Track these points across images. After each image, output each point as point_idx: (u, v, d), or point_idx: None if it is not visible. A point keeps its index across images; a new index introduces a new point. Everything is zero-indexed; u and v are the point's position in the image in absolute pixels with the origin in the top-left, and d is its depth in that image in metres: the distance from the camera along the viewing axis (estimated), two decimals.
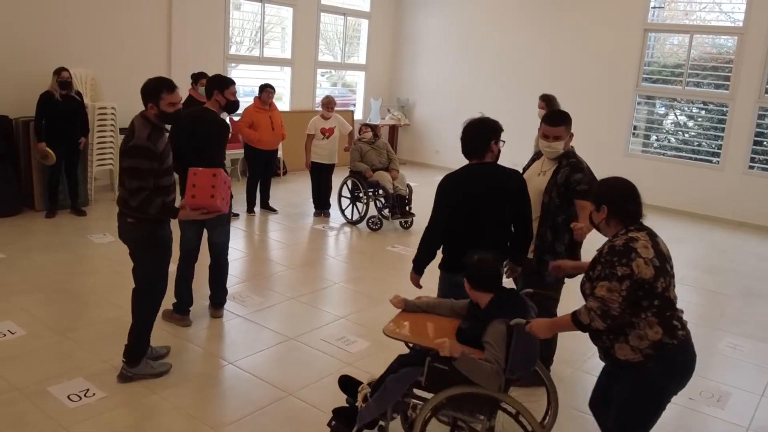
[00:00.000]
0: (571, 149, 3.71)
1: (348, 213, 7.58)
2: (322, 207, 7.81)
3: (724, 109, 8.93)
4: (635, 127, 9.67)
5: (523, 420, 2.86)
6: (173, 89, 3.47)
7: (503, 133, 3.39)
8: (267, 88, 7.36)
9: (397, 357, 3.10)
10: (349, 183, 7.49)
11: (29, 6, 7.10)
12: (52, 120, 6.54)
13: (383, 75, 12.02)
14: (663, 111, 9.74)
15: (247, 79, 9.63)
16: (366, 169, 7.22)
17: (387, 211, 7.25)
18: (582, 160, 3.68)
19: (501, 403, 2.82)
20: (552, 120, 3.66)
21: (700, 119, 9.53)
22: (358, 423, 3.00)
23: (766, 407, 3.93)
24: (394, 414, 3.04)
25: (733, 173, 8.78)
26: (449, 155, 10.66)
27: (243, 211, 7.54)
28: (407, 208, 7.31)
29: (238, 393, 3.66)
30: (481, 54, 10.90)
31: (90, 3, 7.61)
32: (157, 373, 3.72)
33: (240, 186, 8.33)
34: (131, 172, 3.37)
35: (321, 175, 7.66)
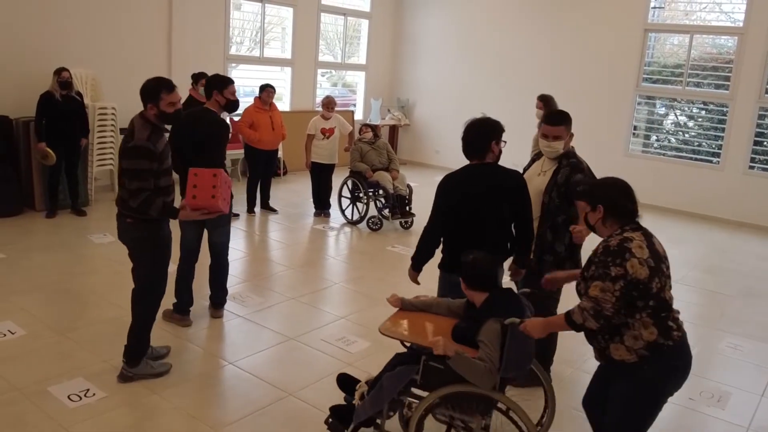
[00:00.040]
0: (572, 149, 3.71)
1: (348, 213, 7.58)
2: (322, 207, 7.81)
3: (724, 110, 8.93)
4: (635, 128, 9.67)
5: (518, 419, 2.86)
6: (172, 89, 3.46)
7: (504, 134, 3.39)
8: (267, 88, 7.36)
9: (395, 355, 3.10)
10: (350, 183, 7.49)
11: (29, 6, 7.10)
12: (52, 120, 6.54)
13: (383, 75, 12.02)
14: (663, 111, 9.74)
15: (248, 80, 9.64)
16: (366, 169, 7.22)
17: (387, 211, 7.25)
18: (582, 160, 3.68)
19: (496, 403, 2.82)
20: (552, 119, 3.67)
21: (700, 119, 9.53)
22: (354, 421, 3.01)
23: (766, 407, 3.93)
24: (390, 412, 3.05)
25: (734, 173, 8.78)
26: (449, 155, 10.66)
27: (243, 212, 7.54)
28: (407, 208, 7.31)
29: (238, 393, 3.66)
30: (481, 54, 10.90)
31: (90, 3, 7.61)
32: (157, 373, 3.73)
33: (240, 186, 8.33)
34: (131, 172, 3.36)
35: (321, 175, 7.67)
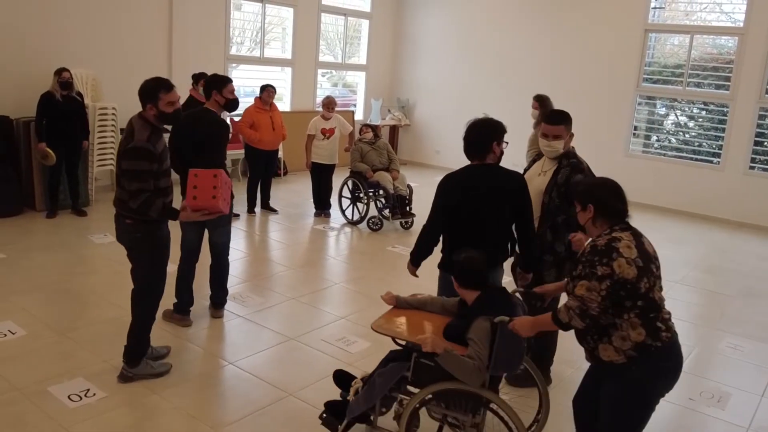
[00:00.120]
0: (572, 149, 3.71)
1: (348, 213, 7.58)
2: (322, 207, 7.81)
3: (724, 110, 8.93)
4: (636, 128, 9.67)
5: (506, 417, 2.86)
6: (171, 88, 3.45)
7: (505, 135, 3.39)
8: (268, 88, 7.36)
9: (389, 353, 3.12)
10: (350, 183, 7.49)
11: (29, 6, 7.10)
12: (52, 120, 6.54)
13: (384, 75, 12.02)
14: (663, 111, 9.74)
15: (248, 80, 9.64)
16: (366, 170, 7.22)
17: (387, 212, 7.26)
18: (582, 160, 3.68)
19: (486, 401, 2.81)
20: (552, 119, 3.67)
21: (700, 120, 9.52)
22: (347, 416, 3.03)
23: (766, 408, 3.92)
24: (383, 408, 3.07)
25: (734, 174, 8.78)
26: (449, 155, 10.67)
27: (243, 212, 7.54)
28: (408, 208, 7.31)
29: (238, 393, 3.66)
30: (481, 54, 10.90)
31: (90, 3, 7.62)
32: (158, 373, 3.73)
33: (240, 186, 8.33)
34: (131, 173, 3.35)
35: (321, 176, 7.67)
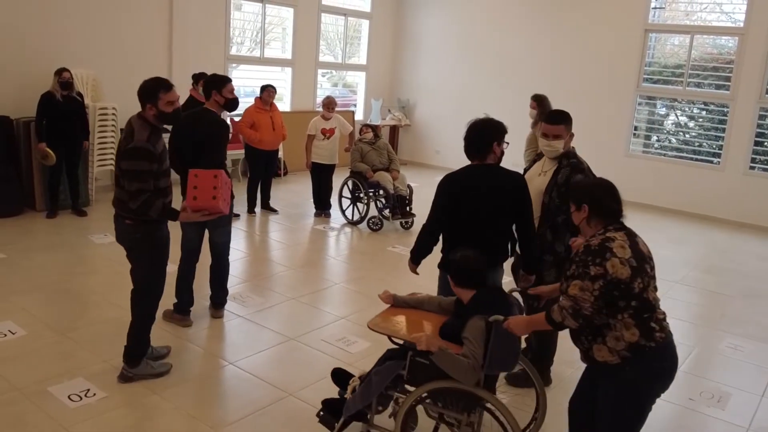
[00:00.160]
0: (572, 149, 3.71)
1: (349, 213, 7.58)
2: (322, 207, 7.81)
3: (724, 110, 8.92)
4: (636, 128, 9.67)
5: (501, 417, 2.86)
6: (170, 88, 3.45)
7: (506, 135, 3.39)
8: (268, 88, 7.36)
9: (386, 351, 3.13)
10: (350, 183, 7.49)
11: (29, 6, 7.10)
12: (52, 120, 6.54)
13: (384, 75, 12.02)
14: (664, 111, 9.74)
15: (248, 80, 9.64)
16: (366, 170, 7.22)
17: (387, 212, 7.25)
18: (582, 160, 3.68)
19: (482, 400, 2.82)
20: (551, 118, 3.67)
21: (700, 120, 9.52)
22: (344, 414, 3.04)
23: (766, 408, 3.92)
24: (379, 407, 3.08)
25: (734, 174, 8.78)
26: (449, 155, 10.67)
27: (244, 212, 7.54)
28: (408, 208, 7.31)
29: (238, 393, 3.66)
30: (481, 54, 10.90)
31: (91, 3, 7.62)
32: (158, 374, 3.73)
33: (241, 186, 8.33)
34: (131, 174, 3.34)
35: (321, 176, 7.67)
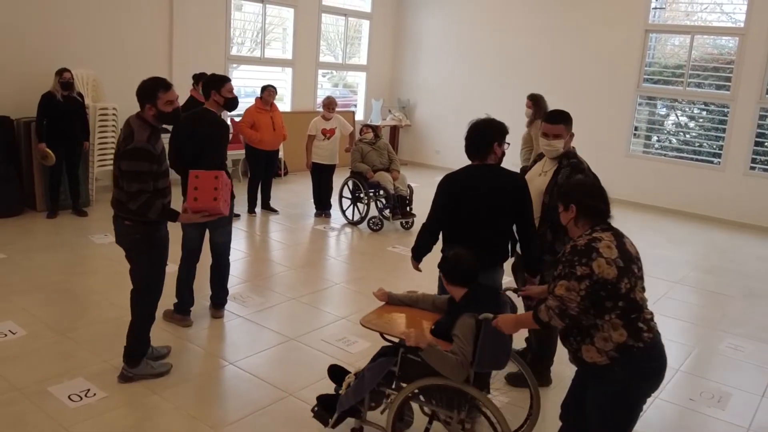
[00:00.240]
0: (572, 150, 3.71)
1: (349, 213, 7.58)
2: (323, 207, 7.81)
3: (725, 110, 8.92)
4: (636, 128, 9.66)
5: (490, 415, 2.86)
6: (169, 87, 3.44)
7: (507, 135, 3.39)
8: (268, 88, 7.36)
9: (380, 348, 3.14)
10: (350, 183, 7.49)
11: (30, 6, 7.11)
12: (53, 121, 6.54)
13: (384, 76, 12.02)
14: (664, 112, 9.73)
15: (249, 80, 9.65)
16: (367, 170, 7.22)
17: (388, 212, 7.25)
18: (583, 160, 3.68)
19: (471, 398, 2.82)
20: (551, 118, 3.67)
21: (701, 120, 9.52)
22: (337, 409, 3.06)
23: (766, 408, 3.92)
24: (372, 403, 3.09)
25: (734, 174, 8.77)
26: (450, 155, 10.67)
27: (244, 212, 7.54)
28: (408, 208, 7.31)
29: (238, 393, 3.66)
30: (481, 54, 10.90)
31: (91, 3, 7.62)
32: (158, 374, 3.73)
33: (241, 186, 8.33)
34: (131, 174, 3.33)
35: (322, 176, 7.67)
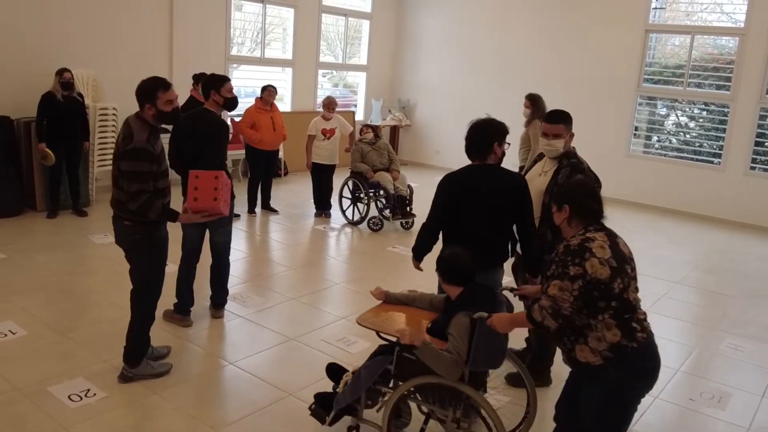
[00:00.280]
0: (573, 150, 3.71)
1: (349, 213, 7.58)
2: (323, 207, 7.81)
3: (725, 110, 8.92)
4: (636, 128, 9.66)
5: (485, 415, 2.86)
6: (168, 87, 3.43)
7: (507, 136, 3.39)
8: (268, 88, 7.36)
9: (377, 347, 3.14)
10: (350, 183, 7.49)
11: (30, 6, 7.11)
12: (53, 121, 6.54)
13: (384, 76, 12.02)
14: (664, 112, 9.73)
15: (249, 80, 9.65)
16: (367, 170, 7.22)
17: (388, 212, 7.25)
18: (583, 160, 3.68)
19: (466, 397, 2.82)
20: (551, 118, 3.67)
21: (701, 120, 9.52)
22: (334, 407, 3.07)
23: (766, 408, 3.92)
24: (368, 401, 3.10)
25: (735, 174, 8.77)
26: (450, 155, 10.67)
27: (244, 212, 7.54)
28: (408, 208, 7.31)
29: (238, 393, 3.66)
30: (481, 54, 10.90)
31: (91, 3, 7.62)
32: (158, 374, 3.72)
33: (241, 186, 8.33)
34: (131, 174, 3.32)
35: (322, 176, 7.67)
